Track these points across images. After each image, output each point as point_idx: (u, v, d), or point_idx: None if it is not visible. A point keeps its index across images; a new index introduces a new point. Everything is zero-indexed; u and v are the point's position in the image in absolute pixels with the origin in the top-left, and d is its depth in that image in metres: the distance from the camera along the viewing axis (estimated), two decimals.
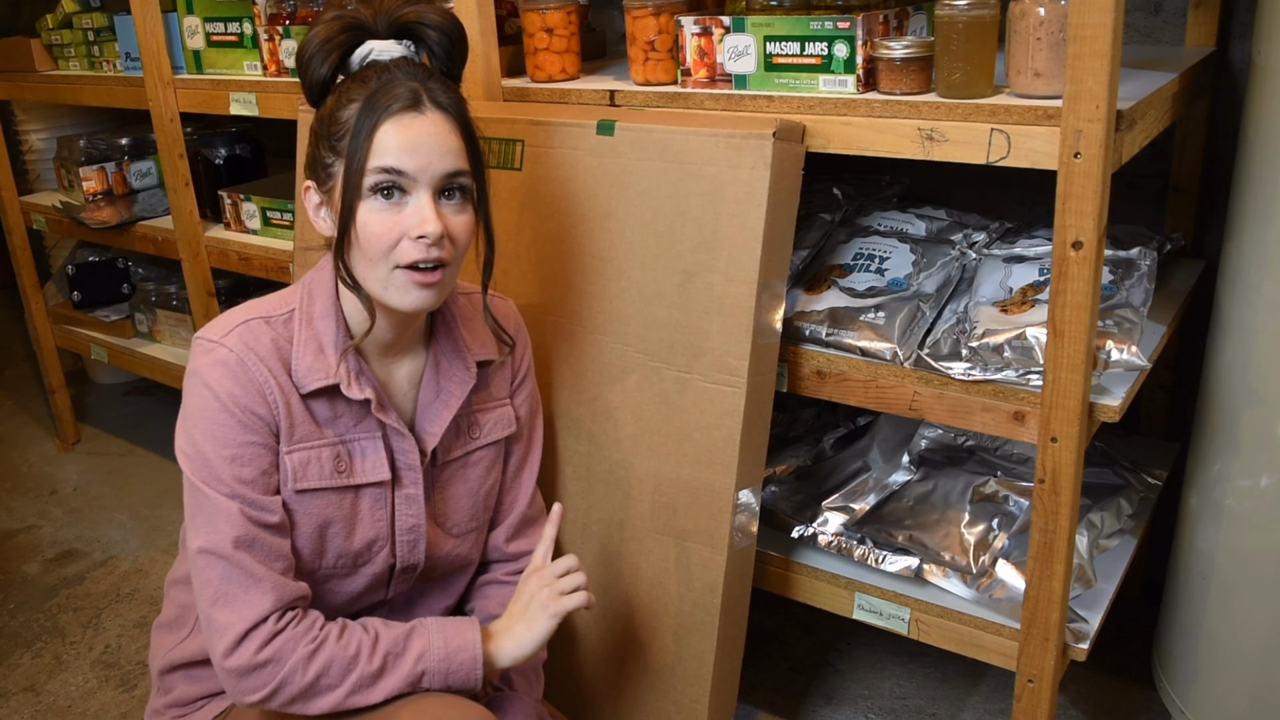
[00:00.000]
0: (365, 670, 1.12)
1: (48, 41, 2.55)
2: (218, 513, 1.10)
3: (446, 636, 1.16)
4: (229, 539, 1.09)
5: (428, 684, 1.14)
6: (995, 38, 1.28)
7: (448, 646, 1.15)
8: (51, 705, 1.98)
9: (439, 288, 1.13)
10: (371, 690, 1.12)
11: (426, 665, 1.14)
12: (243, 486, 1.11)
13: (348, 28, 1.14)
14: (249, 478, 1.12)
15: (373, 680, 1.12)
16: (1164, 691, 1.70)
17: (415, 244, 1.10)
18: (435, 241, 1.10)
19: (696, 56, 1.48)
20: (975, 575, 1.48)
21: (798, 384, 1.50)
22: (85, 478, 2.87)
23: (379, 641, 1.14)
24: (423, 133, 1.10)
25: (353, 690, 1.11)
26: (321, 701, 1.11)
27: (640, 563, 1.49)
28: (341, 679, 1.11)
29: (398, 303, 1.13)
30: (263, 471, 1.13)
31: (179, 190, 2.26)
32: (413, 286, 1.11)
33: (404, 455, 1.23)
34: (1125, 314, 1.36)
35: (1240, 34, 1.68)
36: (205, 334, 1.14)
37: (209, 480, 1.11)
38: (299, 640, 1.10)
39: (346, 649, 1.12)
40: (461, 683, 1.16)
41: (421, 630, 1.16)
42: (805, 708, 1.86)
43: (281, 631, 1.10)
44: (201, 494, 1.11)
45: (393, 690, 1.13)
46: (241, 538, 1.10)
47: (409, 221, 1.10)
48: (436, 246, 1.10)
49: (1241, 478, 1.48)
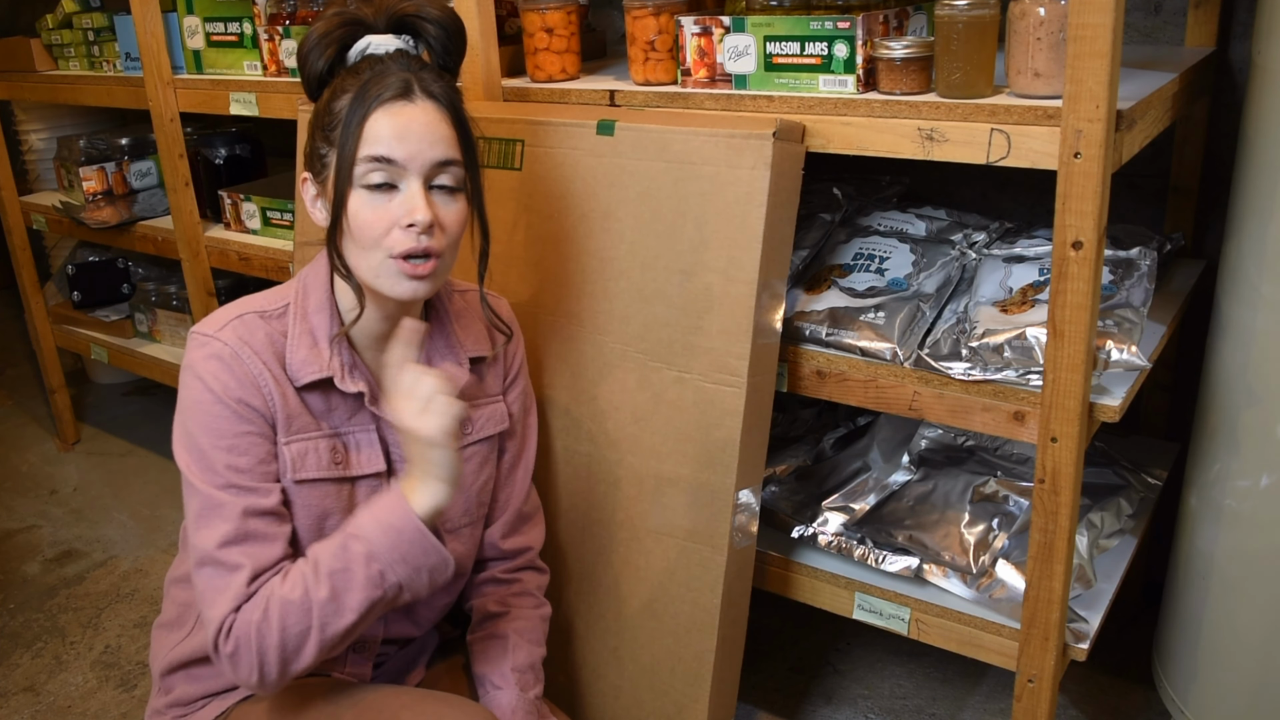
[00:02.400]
0: (319, 598, 1.07)
1: (48, 41, 2.55)
2: (211, 510, 1.10)
3: (380, 522, 1.09)
4: (219, 537, 1.09)
5: (394, 578, 1.09)
6: (995, 38, 1.28)
7: (387, 534, 1.08)
8: (51, 705, 1.98)
9: (431, 279, 1.13)
10: (340, 613, 1.07)
11: (381, 564, 1.08)
12: (238, 475, 1.11)
13: (346, 23, 1.15)
14: (245, 466, 1.12)
15: (334, 604, 1.07)
16: (1164, 691, 1.70)
17: (406, 232, 1.10)
18: (425, 230, 1.10)
19: (696, 56, 1.48)
20: (975, 575, 1.48)
21: (798, 384, 1.50)
22: (85, 478, 2.87)
23: (319, 565, 1.09)
24: (413, 121, 1.10)
25: (323, 623, 1.07)
26: (308, 649, 1.07)
27: (640, 563, 1.49)
28: (305, 618, 1.07)
29: (390, 291, 1.13)
30: (259, 460, 1.13)
31: (179, 190, 2.26)
32: (404, 277, 1.11)
33: (399, 447, 1.23)
34: (1125, 314, 1.35)
35: (1240, 34, 1.68)
36: (200, 328, 1.15)
37: (204, 474, 1.11)
38: (250, 611, 1.07)
39: (293, 591, 1.07)
40: (422, 558, 1.09)
41: (353, 532, 1.09)
42: (805, 708, 1.86)
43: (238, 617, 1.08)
44: (196, 490, 1.11)
45: (361, 603, 1.08)
46: (232, 533, 1.09)
47: (399, 210, 1.10)
48: (427, 235, 1.10)
49: (1241, 478, 1.48)
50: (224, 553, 1.09)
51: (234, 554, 1.09)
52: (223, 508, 1.10)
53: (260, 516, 1.12)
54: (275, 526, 1.13)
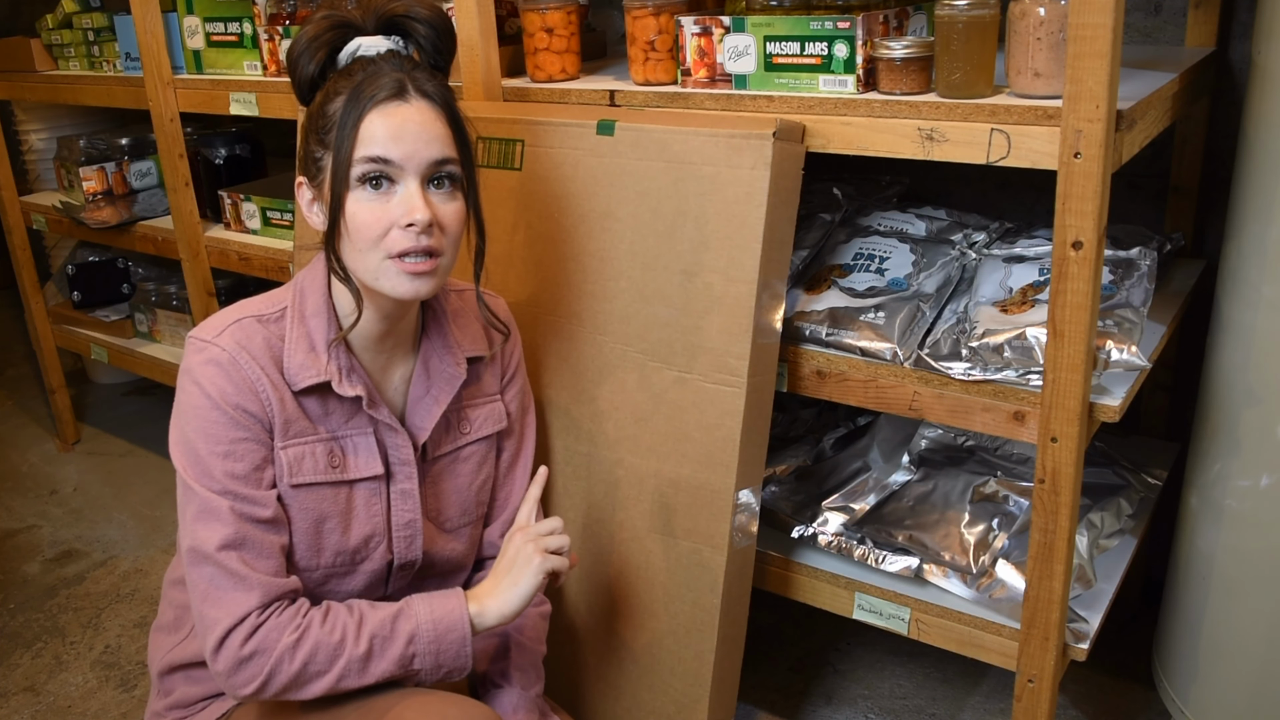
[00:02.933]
0: (352, 654, 1.11)
1: (48, 41, 2.55)
2: (208, 512, 1.11)
3: (435, 618, 1.15)
4: (218, 539, 1.10)
5: (419, 665, 1.14)
6: (995, 38, 1.28)
7: (436, 628, 1.15)
8: (51, 705, 1.98)
9: (431, 276, 1.13)
10: (363, 674, 1.12)
11: (417, 648, 1.14)
12: (234, 482, 1.11)
13: (335, 25, 1.15)
14: (241, 473, 1.12)
15: (362, 664, 1.12)
16: (1164, 691, 1.70)
17: (405, 232, 1.10)
18: (424, 229, 1.10)
19: (696, 56, 1.48)
20: (975, 575, 1.48)
21: (798, 384, 1.50)
22: (85, 478, 2.87)
23: (364, 623, 1.13)
24: (409, 121, 1.10)
25: (342, 675, 1.11)
26: (313, 687, 1.11)
27: (640, 563, 1.49)
28: (330, 664, 1.11)
29: (390, 290, 1.12)
30: (255, 466, 1.13)
31: (179, 190, 2.26)
32: (404, 276, 1.11)
33: (397, 450, 1.23)
34: (1125, 314, 1.35)
35: (1240, 34, 1.68)
36: (198, 333, 1.15)
37: (200, 477, 1.11)
38: (283, 630, 1.10)
39: (331, 634, 1.11)
40: (451, 661, 1.16)
41: (409, 612, 1.15)
42: (805, 708, 1.86)
43: (265, 622, 1.10)
44: (193, 492, 1.11)
45: (384, 673, 1.13)
46: (231, 537, 1.10)
47: (397, 210, 1.10)
48: (426, 234, 1.10)
49: (1241, 478, 1.48)
50: (224, 556, 1.10)
51: (233, 560, 1.10)
52: (220, 512, 1.11)
53: (257, 524, 1.12)
54: (271, 535, 1.14)
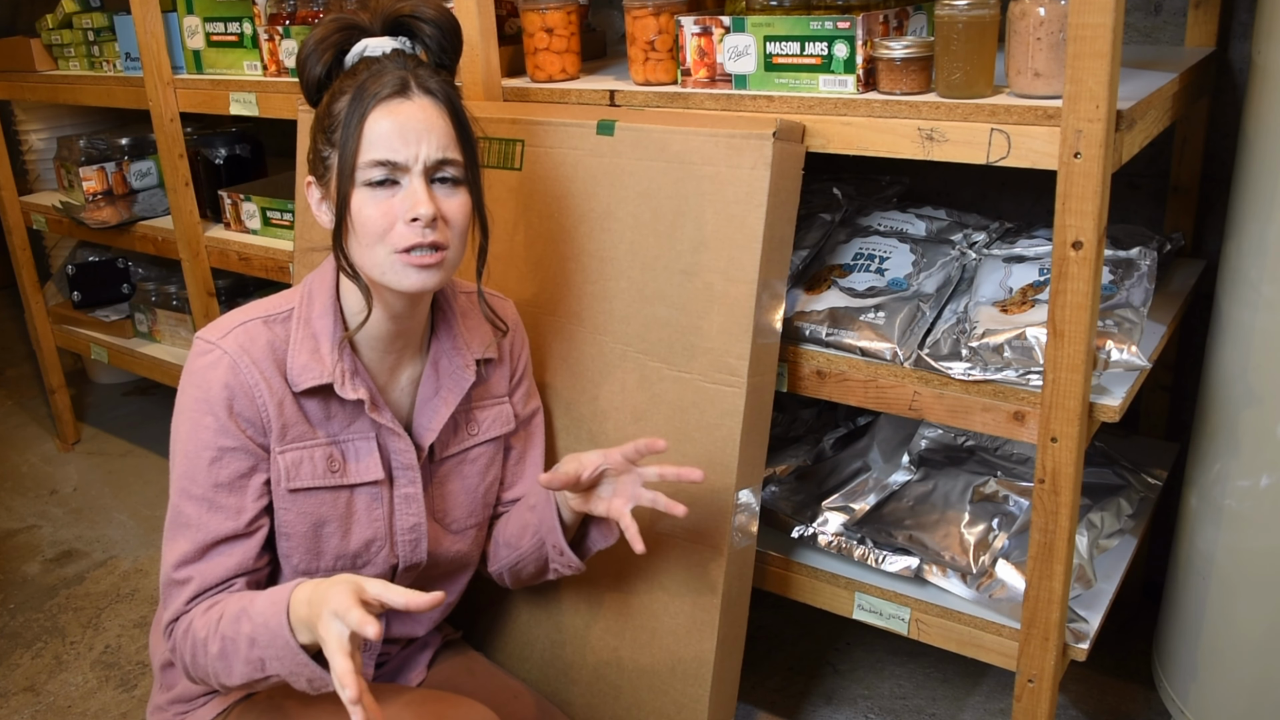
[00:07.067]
0: (211, 651, 1.08)
1: (48, 41, 2.55)
2: (179, 524, 1.14)
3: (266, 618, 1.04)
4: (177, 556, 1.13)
5: (275, 670, 1.04)
6: (995, 38, 1.28)
7: (268, 629, 1.03)
8: (51, 705, 1.98)
9: (438, 269, 1.13)
10: (228, 674, 1.08)
11: (262, 654, 1.04)
12: (215, 491, 1.13)
13: (343, 27, 1.16)
14: (224, 480, 1.13)
15: (223, 663, 1.07)
16: (1164, 691, 1.70)
17: (410, 227, 1.10)
18: (429, 223, 1.10)
19: (696, 56, 1.48)
20: (975, 575, 1.48)
21: (798, 384, 1.50)
22: (85, 478, 2.87)
23: (221, 621, 1.08)
24: (412, 118, 1.10)
25: (215, 673, 1.09)
26: (211, 680, 1.11)
27: (640, 563, 1.49)
28: (202, 660, 1.10)
29: (398, 285, 1.13)
30: (240, 475, 1.14)
31: (179, 190, 2.26)
32: (411, 269, 1.11)
33: (399, 455, 1.23)
34: (1125, 314, 1.36)
35: (1240, 34, 1.68)
36: (204, 334, 1.16)
37: (183, 479, 1.14)
38: (182, 624, 1.12)
39: (200, 630, 1.10)
40: (296, 670, 1.03)
41: (250, 612, 1.05)
42: (805, 708, 1.86)
43: (186, 614, 1.13)
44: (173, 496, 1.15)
45: (245, 676, 1.06)
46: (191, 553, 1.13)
47: (402, 206, 1.10)
48: (431, 229, 1.11)
49: (1241, 478, 1.48)
50: (179, 572, 1.13)
51: (185, 571, 1.13)
52: (189, 527, 1.13)
53: (224, 540, 1.14)
54: (234, 545, 1.14)
